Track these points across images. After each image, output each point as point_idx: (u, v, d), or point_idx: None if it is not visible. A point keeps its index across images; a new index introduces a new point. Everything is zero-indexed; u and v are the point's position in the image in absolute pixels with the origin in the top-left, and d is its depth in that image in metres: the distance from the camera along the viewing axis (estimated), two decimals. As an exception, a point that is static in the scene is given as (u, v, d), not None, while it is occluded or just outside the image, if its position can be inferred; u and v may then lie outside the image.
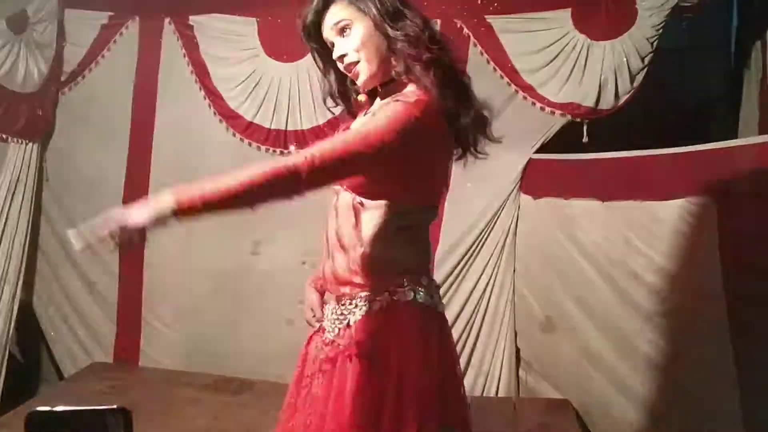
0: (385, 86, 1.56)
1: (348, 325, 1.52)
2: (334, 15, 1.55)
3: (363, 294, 1.51)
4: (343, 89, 1.66)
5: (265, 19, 3.20)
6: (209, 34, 3.28)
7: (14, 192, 3.21)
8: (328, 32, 1.56)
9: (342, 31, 1.54)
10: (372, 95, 1.61)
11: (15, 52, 3.14)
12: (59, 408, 0.71)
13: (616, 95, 2.85)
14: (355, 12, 1.53)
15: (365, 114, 1.61)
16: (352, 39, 1.52)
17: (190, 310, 3.37)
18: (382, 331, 1.48)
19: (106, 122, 3.42)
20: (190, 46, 3.30)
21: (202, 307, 3.35)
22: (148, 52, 3.39)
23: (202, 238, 3.33)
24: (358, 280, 1.52)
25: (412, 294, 1.51)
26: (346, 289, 1.54)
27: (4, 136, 3.12)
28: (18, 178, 3.21)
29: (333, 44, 1.56)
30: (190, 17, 3.29)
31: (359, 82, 1.56)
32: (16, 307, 3.24)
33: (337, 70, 1.62)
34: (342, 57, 1.54)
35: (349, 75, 1.58)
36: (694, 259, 2.49)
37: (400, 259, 1.53)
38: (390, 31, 1.50)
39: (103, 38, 3.42)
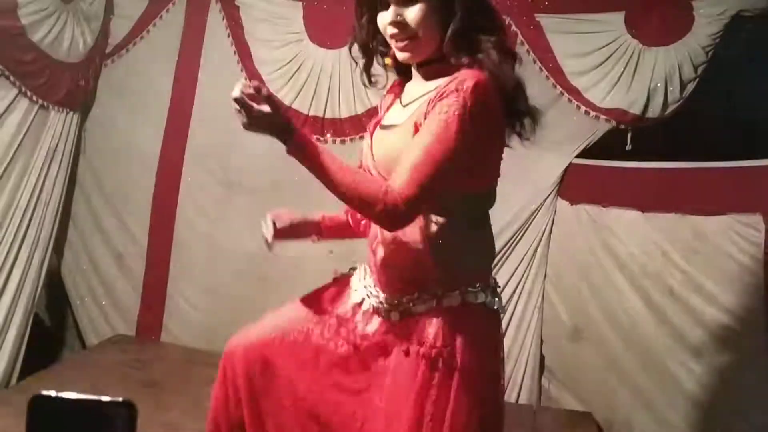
0: (427, 65, 1.43)
1: (410, 314, 1.41)
2: None
3: (431, 289, 1.40)
4: (369, 43, 1.49)
5: (311, 3, 3.16)
6: (255, 15, 3.25)
7: (52, 159, 3.21)
8: None
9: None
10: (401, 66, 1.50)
11: (62, 21, 3.14)
12: (64, 394, 0.68)
13: (665, 104, 2.77)
14: None
15: (401, 103, 1.50)
16: (420, 12, 1.35)
17: (215, 290, 3.35)
18: (450, 332, 1.36)
19: (147, 97, 3.42)
20: (235, 27, 3.28)
21: (227, 288, 3.34)
22: (192, 30, 3.38)
23: (231, 219, 3.32)
24: (426, 279, 1.41)
25: (483, 296, 1.40)
26: (412, 287, 1.43)
27: (45, 103, 3.12)
28: (56, 146, 3.22)
29: (389, 2, 1.37)
30: (237, -3, 3.26)
31: (405, 57, 1.41)
32: (44, 273, 3.25)
33: (374, 23, 1.44)
34: (398, 24, 1.36)
35: (391, 41, 1.41)
36: (735, 280, 2.39)
37: (472, 259, 1.44)
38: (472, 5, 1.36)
39: (150, 13, 3.41)
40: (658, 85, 2.75)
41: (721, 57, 2.74)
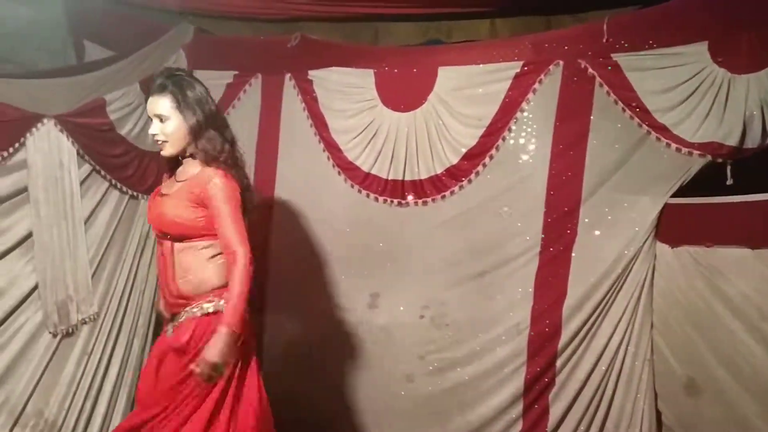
0: (185, 158, 2.40)
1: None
2: (157, 105, 2.31)
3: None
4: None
5: (382, 70, 3.26)
6: (327, 87, 3.39)
7: (144, 247, 3.40)
8: (150, 108, 2.33)
9: (159, 116, 2.32)
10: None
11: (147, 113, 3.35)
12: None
13: (764, 133, 2.65)
14: (174, 111, 2.30)
15: (176, 180, 2.42)
16: (165, 128, 2.32)
17: (307, 363, 3.43)
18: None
19: (230, 177, 3.56)
20: (310, 100, 3.43)
21: (318, 360, 3.37)
22: (269, 108, 3.56)
23: (320, 289, 3.37)
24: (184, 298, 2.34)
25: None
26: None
27: (135, 193, 3.33)
28: (148, 233, 3.40)
29: (152, 114, 2.34)
30: (309, 72, 3.42)
31: (162, 152, 2.40)
32: (144, 360, 3.38)
33: None
34: (154, 134, 2.36)
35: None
36: None
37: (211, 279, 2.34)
38: (202, 139, 2.32)
39: (228, 96, 3.62)
40: (754, 113, 2.65)
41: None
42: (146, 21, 3.68)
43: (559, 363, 3.00)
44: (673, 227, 2.85)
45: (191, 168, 2.39)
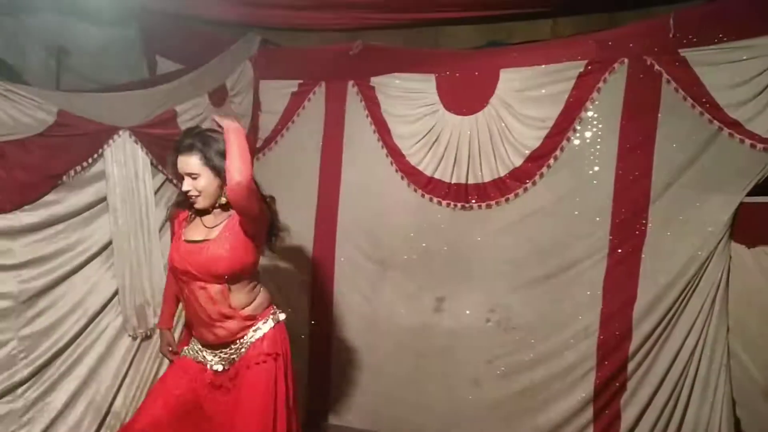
0: (218, 207, 2.42)
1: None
2: (188, 164, 2.35)
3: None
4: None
5: (443, 74, 3.27)
6: (390, 93, 3.43)
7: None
8: (181, 167, 2.37)
9: (190, 174, 2.36)
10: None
11: (216, 123, 3.47)
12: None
13: (844, 125, 2.54)
14: (204, 168, 2.34)
15: (206, 225, 2.43)
16: (197, 184, 2.36)
17: (375, 370, 3.47)
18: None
19: (297, 183, 3.68)
20: (372, 107, 3.48)
21: (386, 366, 3.41)
22: (333, 115, 3.63)
23: (386, 296, 3.41)
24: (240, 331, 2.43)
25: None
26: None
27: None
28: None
29: (183, 173, 2.38)
30: (372, 79, 3.48)
31: (195, 206, 2.41)
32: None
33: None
34: (187, 190, 2.39)
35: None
36: None
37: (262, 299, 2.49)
38: None
39: (293, 104, 3.72)
40: (835, 105, 2.53)
41: None
42: (214, 35, 3.81)
43: (630, 367, 2.95)
44: (749, 227, 2.77)
45: (222, 215, 2.42)
